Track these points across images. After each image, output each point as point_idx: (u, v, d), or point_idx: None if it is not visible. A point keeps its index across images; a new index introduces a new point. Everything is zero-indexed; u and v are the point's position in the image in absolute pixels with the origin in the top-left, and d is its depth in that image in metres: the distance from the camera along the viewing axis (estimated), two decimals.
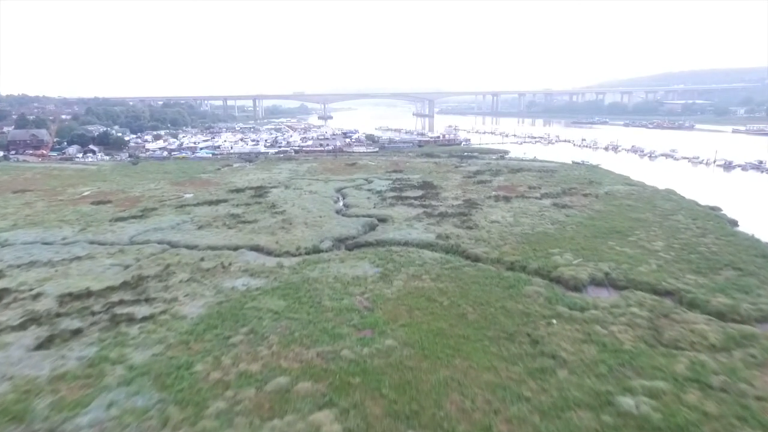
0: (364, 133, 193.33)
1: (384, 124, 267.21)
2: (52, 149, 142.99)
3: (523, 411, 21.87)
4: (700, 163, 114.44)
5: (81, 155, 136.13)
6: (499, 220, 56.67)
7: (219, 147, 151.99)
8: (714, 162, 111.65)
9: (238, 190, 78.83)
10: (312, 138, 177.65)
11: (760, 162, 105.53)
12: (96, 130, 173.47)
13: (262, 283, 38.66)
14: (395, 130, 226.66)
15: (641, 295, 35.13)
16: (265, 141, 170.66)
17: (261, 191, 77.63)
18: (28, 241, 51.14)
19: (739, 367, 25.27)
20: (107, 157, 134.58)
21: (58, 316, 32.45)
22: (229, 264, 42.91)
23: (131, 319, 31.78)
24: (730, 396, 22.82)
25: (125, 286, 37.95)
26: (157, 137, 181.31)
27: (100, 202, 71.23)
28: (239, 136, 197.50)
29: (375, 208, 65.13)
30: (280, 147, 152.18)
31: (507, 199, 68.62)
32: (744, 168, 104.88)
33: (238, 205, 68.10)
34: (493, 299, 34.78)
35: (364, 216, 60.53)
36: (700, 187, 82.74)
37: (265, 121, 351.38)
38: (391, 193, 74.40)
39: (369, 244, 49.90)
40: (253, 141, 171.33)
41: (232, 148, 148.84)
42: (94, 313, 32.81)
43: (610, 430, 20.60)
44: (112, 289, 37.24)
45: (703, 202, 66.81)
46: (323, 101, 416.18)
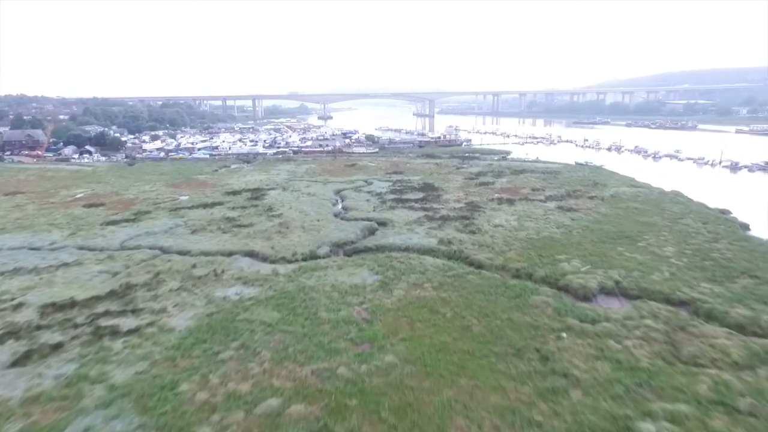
0: (364, 133, 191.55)
1: (384, 125, 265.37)
2: (48, 150, 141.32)
3: None
4: (706, 164, 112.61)
5: (77, 156, 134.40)
6: (503, 224, 54.86)
7: (217, 147, 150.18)
8: (720, 163, 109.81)
9: (235, 193, 77.03)
10: (311, 138, 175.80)
11: (767, 163, 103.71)
12: (93, 130, 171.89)
13: (255, 292, 36.85)
14: (395, 131, 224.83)
15: (655, 305, 33.31)
16: (264, 141, 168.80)
17: (258, 193, 75.83)
18: (14, 246, 49.37)
19: (766, 387, 23.46)
20: (103, 158, 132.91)
21: (39, 328, 30.63)
22: (222, 271, 41.09)
23: (115, 333, 29.98)
24: (759, 421, 21.00)
25: (112, 295, 36.14)
26: (154, 137, 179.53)
27: (92, 205, 69.45)
28: (238, 136, 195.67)
29: (374, 211, 63.33)
30: (278, 148, 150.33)
31: (510, 201, 66.81)
32: (751, 169, 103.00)
33: (234, 208, 66.31)
34: (499, 310, 32.97)
35: (363, 220, 58.74)
36: (707, 188, 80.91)
37: (264, 121, 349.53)
38: (391, 196, 72.60)
39: (368, 250, 48.09)
40: (251, 141, 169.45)
41: (230, 148, 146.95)
42: (76, 326, 31.00)
43: None
44: (97, 298, 35.43)
45: (711, 205, 65.05)
46: (323, 101, 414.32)
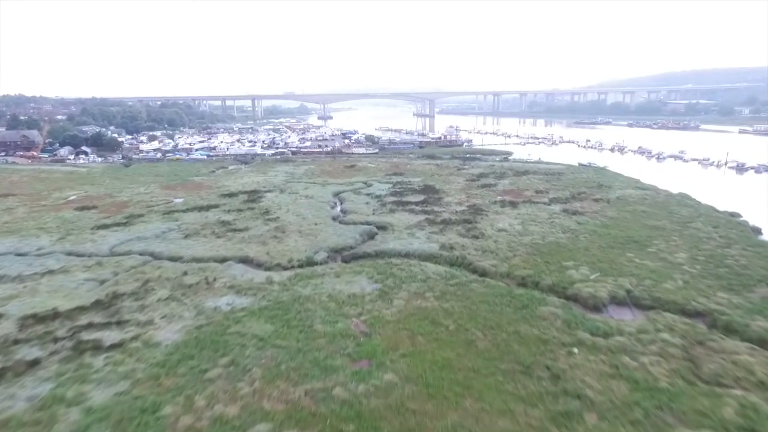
0: (364, 133, 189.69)
1: (384, 125, 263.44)
2: (44, 150, 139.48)
3: None
4: (711, 165, 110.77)
5: (73, 157, 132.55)
6: (507, 229, 53.03)
7: (215, 148, 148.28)
8: (725, 164, 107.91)
9: (231, 195, 75.19)
10: (310, 139, 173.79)
11: None
12: (90, 131, 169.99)
13: (248, 302, 35.04)
14: (395, 131, 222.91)
15: (670, 317, 31.51)
16: (263, 142, 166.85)
17: (254, 196, 73.99)
18: (0, 252, 47.55)
19: None
20: (99, 159, 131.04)
21: (16, 343, 28.84)
22: (214, 279, 39.29)
23: (97, 348, 28.16)
24: None
25: (97, 305, 34.34)
26: (152, 138, 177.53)
27: (84, 208, 67.60)
28: (236, 136, 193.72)
29: (374, 214, 61.50)
30: (277, 148, 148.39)
31: (514, 204, 64.97)
32: (758, 170, 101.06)
33: (229, 211, 64.47)
34: (505, 322, 31.16)
35: (362, 223, 56.92)
36: (714, 190, 79.09)
37: (264, 121, 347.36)
38: (391, 198, 70.77)
39: (367, 256, 46.28)
40: (250, 142, 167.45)
41: (228, 149, 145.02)
42: (56, 340, 29.20)
43: None
44: (81, 309, 33.64)
45: (720, 208, 63.19)
46: (323, 101, 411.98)
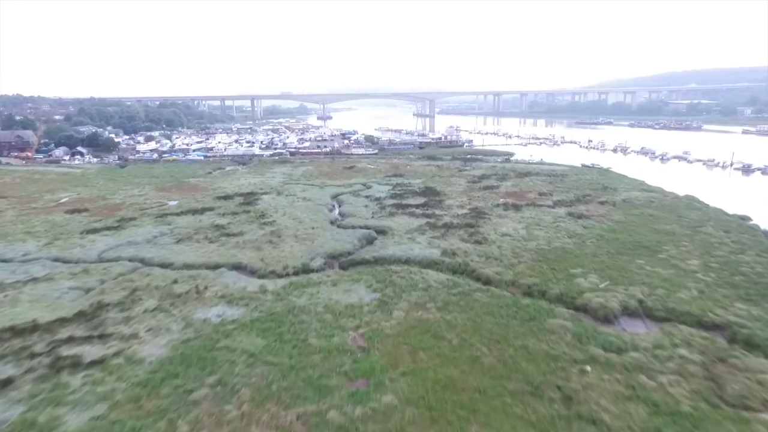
0: (363, 134, 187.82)
1: (384, 125, 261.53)
2: (39, 151, 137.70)
3: None
4: (716, 166, 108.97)
5: (68, 157, 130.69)
6: (511, 233, 51.19)
7: (212, 149, 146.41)
8: (731, 165, 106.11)
9: (227, 197, 73.34)
10: (309, 139, 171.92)
11: None
12: (87, 131, 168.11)
13: (239, 313, 33.20)
14: (395, 131, 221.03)
15: (686, 330, 29.69)
16: (261, 142, 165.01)
17: (251, 198, 72.14)
18: None
19: None
20: (95, 160, 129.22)
21: None
22: (205, 288, 37.45)
23: (76, 364, 26.34)
24: None
25: (80, 317, 32.49)
26: (149, 138, 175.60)
27: (75, 211, 65.77)
28: (234, 137, 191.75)
29: (373, 218, 59.68)
30: (275, 149, 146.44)
31: (517, 207, 63.14)
32: (764, 171, 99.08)
33: (224, 214, 62.63)
34: (512, 336, 29.33)
35: (361, 227, 55.10)
36: (721, 192, 77.34)
37: (263, 121, 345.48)
38: (391, 201, 68.93)
39: (366, 262, 44.42)
40: (248, 142, 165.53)
41: (225, 150, 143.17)
42: (33, 356, 27.37)
43: None
44: (63, 321, 31.80)
45: (729, 210, 61.45)
46: (322, 101, 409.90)
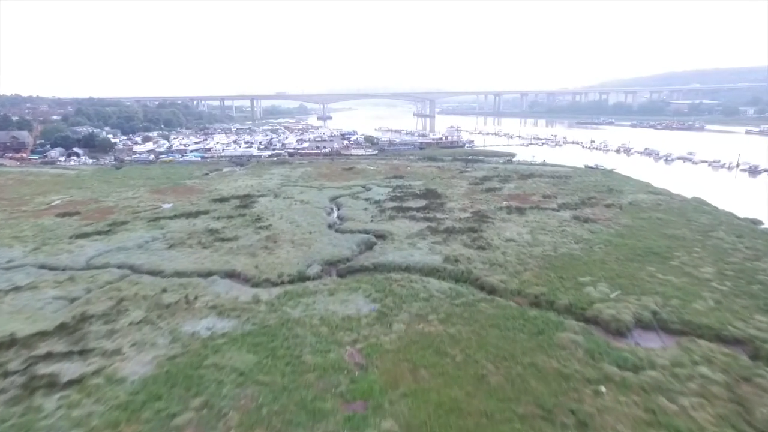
0: (363, 134, 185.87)
1: (384, 125, 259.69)
2: (34, 152, 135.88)
3: None
4: (722, 167, 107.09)
5: (63, 158, 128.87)
6: (515, 238, 49.35)
7: (210, 149, 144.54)
8: (737, 166, 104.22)
9: (222, 200, 71.48)
10: (308, 140, 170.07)
11: None
12: (85, 131, 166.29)
13: (230, 326, 31.37)
14: (395, 131, 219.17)
15: (705, 345, 27.87)
16: (259, 143, 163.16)
17: (247, 201, 70.31)
18: None
19: None
20: (91, 161, 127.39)
21: None
22: (195, 298, 35.63)
23: (52, 385, 24.53)
24: None
25: (61, 330, 30.66)
26: (146, 139, 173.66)
27: (66, 214, 63.96)
28: (233, 137, 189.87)
29: (372, 221, 57.84)
30: (274, 149, 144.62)
31: (521, 210, 61.29)
32: None
33: (219, 217, 60.81)
34: (519, 351, 27.49)
35: (360, 232, 53.27)
36: (729, 195, 75.54)
37: (263, 121, 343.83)
38: (391, 204, 67.08)
39: (364, 269, 42.60)
40: (246, 143, 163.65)
41: (223, 150, 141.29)
42: (7, 374, 25.56)
43: None
44: (43, 335, 29.97)
45: (739, 213, 59.68)
46: (322, 101, 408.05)
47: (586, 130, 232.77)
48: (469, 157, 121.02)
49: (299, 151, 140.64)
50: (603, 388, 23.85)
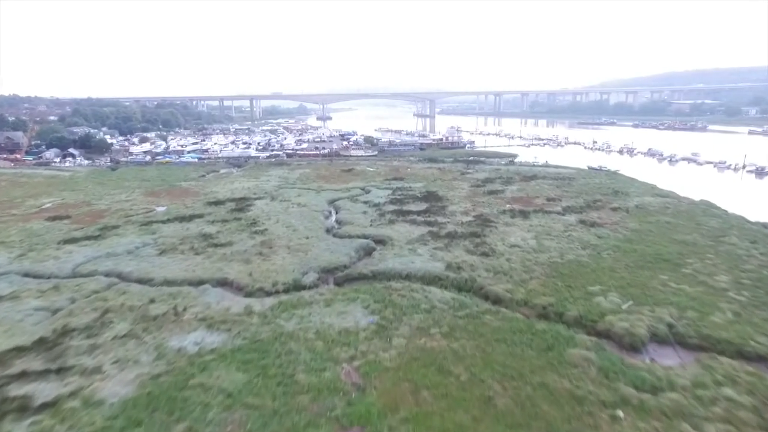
0: (363, 135, 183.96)
1: (384, 125, 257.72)
2: (29, 153, 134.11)
3: None
4: (728, 168, 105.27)
5: (59, 160, 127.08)
6: (520, 244, 47.51)
7: (207, 150, 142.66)
8: (743, 167, 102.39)
9: (218, 203, 69.63)
10: (307, 140, 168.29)
11: None
12: (81, 132, 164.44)
13: (220, 340, 29.52)
14: (395, 132, 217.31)
15: (728, 363, 26.03)
16: (258, 144, 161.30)
17: (243, 204, 68.47)
18: None
19: None
20: (87, 162, 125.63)
21: None
22: (184, 309, 33.77)
23: (24, 408, 22.68)
24: None
25: (39, 345, 28.82)
26: (143, 140, 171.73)
27: (56, 218, 62.14)
28: (231, 138, 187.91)
29: (372, 226, 56.01)
30: (272, 150, 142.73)
31: (524, 214, 59.46)
32: None
33: (213, 221, 58.96)
34: (528, 370, 25.65)
35: (358, 237, 51.46)
36: (736, 197, 73.71)
37: (262, 122, 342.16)
38: (391, 207, 65.23)
39: (363, 277, 40.77)
40: (244, 144, 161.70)
41: (221, 151, 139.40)
42: None
43: None
44: (19, 351, 28.13)
45: (749, 217, 57.93)
46: (321, 101, 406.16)
47: (587, 130, 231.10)
48: (470, 158, 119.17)
49: (298, 152, 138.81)
50: (620, 413, 22.03)
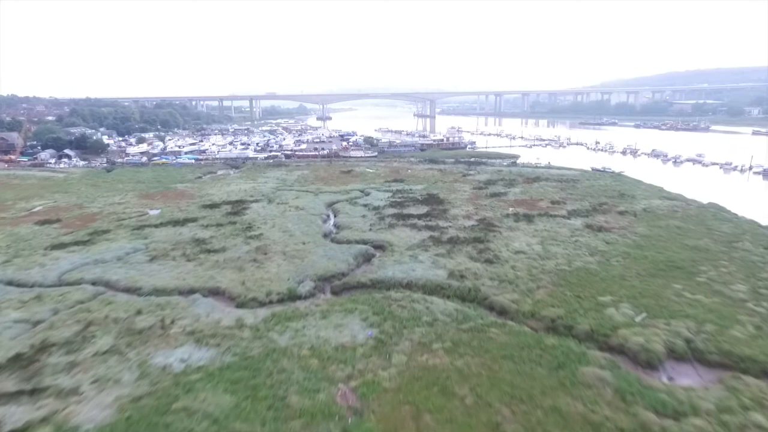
0: (363, 135, 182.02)
1: (384, 126, 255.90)
2: (24, 154, 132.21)
3: None
4: (734, 169, 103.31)
5: (54, 161, 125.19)
6: (525, 250, 45.63)
7: (205, 151, 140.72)
8: (750, 169, 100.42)
9: (213, 206, 67.78)
10: (306, 141, 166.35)
11: None
12: (79, 132, 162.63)
13: (208, 357, 27.65)
14: (396, 132, 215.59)
15: (754, 384, 24.15)
16: (256, 144, 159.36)
17: (239, 207, 66.60)
18: None
19: None
20: (83, 163, 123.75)
21: None
22: (172, 322, 31.91)
23: None
24: None
25: (15, 363, 26.95)
26: (140, 140, 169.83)
27: (46, 222, 60.30)
28: (229, 138, 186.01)
29: (371, 230, 54.14)
30: (271, 151, 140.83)
31: (529, 218, 57.58)
32: None
33: (208, 225, 57.13)
34: (538, 391, 23.79)
35: (357, 242, 49.61)
36: (745, 199, 71.88)
37: (262, 122, 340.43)
38: (391, 210, 63.37)
39: (361, 286, 38.90)
40: (242, 144, 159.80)
41: (218, 152, 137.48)
42: None
43: None
44: None
45: (761, 221, 56.06)
46: (321, 101, 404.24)
47: (589, 130, 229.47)
48: (472, 159, 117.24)
49: (296, 153, 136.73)
50: None
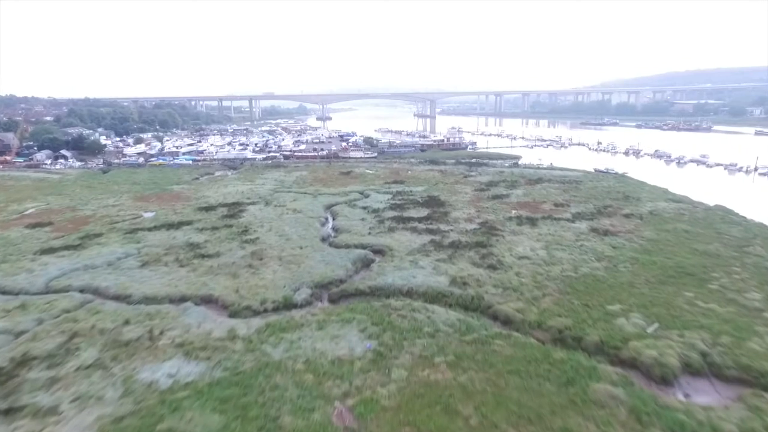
0: (362, 136, 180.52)
1: (384, 126, 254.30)
2: (19, 154, 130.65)
3: None
4: (739, 170, 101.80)
5: (50, 161, 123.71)
6: (529, 255, 44.17)
7: (203, 152, 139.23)
8: (755, 170, 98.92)
9: (209, 208, 66.31)
10: (306, 141, 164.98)
11: None
12: (76, 132, 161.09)
13: (197, 371, 26.18)
14: (396, 132, 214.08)
15: None
16: (255, 145, 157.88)
17: (235, 209, 65.13)
18: None
19: None
20: (79, 164, 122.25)
21: None
22: (161, 333, 30.44)
23: None
24: None
25: None
26: (138, 141, 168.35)
27: (37, 225, 58.90)
28: (228, 139, 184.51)
29: (370, 234, 52.68)
30: (269, 152, 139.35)
31: (532, 221, 56.12)
32: None
33: (202, 229, 55.67)
34: (547, 410, 22.32)
35: (356, 246, 48.15)
36: (752, 202, 70.29)
37: (261, 122, 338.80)
38: (391, 213, 61.91)
39: (360, 293, 37.44)
40: (241, 145, 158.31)
41: (216, 153, 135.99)
42: None
43: None
44: None
45: None
46: (321, 102, 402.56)
47: (590, 130, 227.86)
48: (473, 160, 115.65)
49: (295, 153, 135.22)
50: None
